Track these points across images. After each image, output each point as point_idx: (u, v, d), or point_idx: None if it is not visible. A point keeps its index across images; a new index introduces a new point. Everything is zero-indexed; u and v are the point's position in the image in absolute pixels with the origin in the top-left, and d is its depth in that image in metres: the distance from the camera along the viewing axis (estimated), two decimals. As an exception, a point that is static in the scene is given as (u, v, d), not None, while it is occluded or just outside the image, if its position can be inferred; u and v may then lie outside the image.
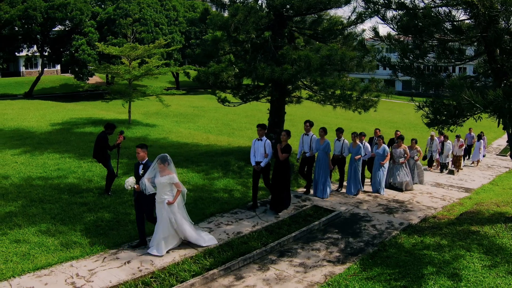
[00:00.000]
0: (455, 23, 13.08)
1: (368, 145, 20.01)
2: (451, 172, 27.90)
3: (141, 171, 12.25)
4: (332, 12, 22.25)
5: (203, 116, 46.95)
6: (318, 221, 14.40)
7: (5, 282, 10.19)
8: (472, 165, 32.53)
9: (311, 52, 18.76)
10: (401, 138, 20.96)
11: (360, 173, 19.33)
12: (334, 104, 22.14)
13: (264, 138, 15.81)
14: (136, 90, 37.67)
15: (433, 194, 20.40)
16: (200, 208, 15.28)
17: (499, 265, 11.20)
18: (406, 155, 20.74)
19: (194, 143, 27.40)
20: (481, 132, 33.89)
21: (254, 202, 16.03)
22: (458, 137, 28.97)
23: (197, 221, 14.12)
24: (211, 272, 10.70)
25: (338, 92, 21.39)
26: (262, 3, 21.35)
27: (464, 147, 29.68)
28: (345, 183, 19.68)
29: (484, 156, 34.85)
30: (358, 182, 19.10)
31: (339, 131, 19.07)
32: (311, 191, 18.37)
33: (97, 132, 26.28)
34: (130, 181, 11.90)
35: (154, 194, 11.90)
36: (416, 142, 22.34)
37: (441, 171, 27.77)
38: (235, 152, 23.27)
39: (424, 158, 27.79)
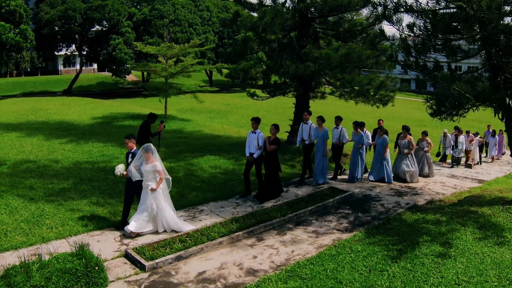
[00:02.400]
0: (453, 24, 14.73)
1: (369, 133, 21.14)
2: (468, 166, 28.39)
3: (129, 159, 13.37)
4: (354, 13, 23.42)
5: (235, 112, 48.72)
6: (332, 199, 16.32)
7: (63, 239, 12.30)
8: (489, 161, 32.78)
9: (331, 51, 20.51)
10: (406, 129, 21.44)
11: (364, 161, 20.58)
12: (355, 99, 23.81)
13: (258, 131, 16.66)
14: (172, 87, 39.63)
15: (446, 183, 21.49)
16: (230, 188, 17.35)
17: (489, 238, 12.82)
18: (411, 146, 21.23)
19: (226, 136, 29.38)
20: (500, 130, 33.99)
21: (247, 190, 16.97)
22: (468, 132, 29.59)
23: (227, 197, 16.49)
24: (236, 233, 12.75)
25: (357, 88, 22.91)
26: (289, 6, 23.15)
27: (474, 142, 29.90)
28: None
29: (503, 154, 35.08)
30: (360, 168, 20.26)
31: (338, 119, 20.22)
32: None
33: (136, 125, 28.70)
34: (119, 168, 13.24)
35: (141, 180, 12.97)
36: (426, 134, 22.87)
37: (452, 166, 27.87)
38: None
39: (438, 154, 28.65)
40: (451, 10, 14.91)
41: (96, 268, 9.78)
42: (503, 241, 12.53)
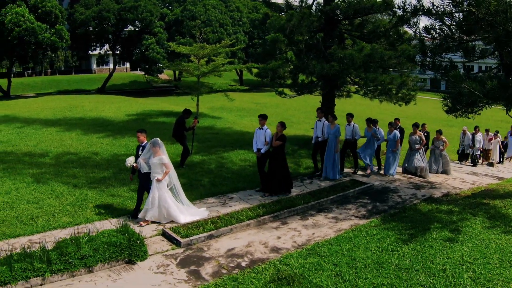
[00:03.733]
0: (464, 26, 15.72)
1: (382, 130, 21.82)
2: (490, 164, 28.96)
3: (139, 152, 14.08)
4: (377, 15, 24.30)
5: (264, 111, 49.51)
6: (353, 190, 17.47)
7: (106, 220, 13.73)
8: (507, 160, 32.90)
9: (355, 51, 21.55)
10: (416, 126, 21.93)
11: (374, 156, 21.38)
12: (379, 98, 24.76)
13: (265, 127, 17.21)
14: (204, 85, 40.92)
15: (465, 179, 22.34)
16: (258, 179, 18.54)
17: (497, 227, 13.83)
18: (422, 142, 21.70)
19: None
20: None
21: (262, 184, 17.46)
22: (487, 131, 30.17)
23: (255, 187, 17.72)
24: (262, 217, 14.06)
25: (379, 87, 23.82)
26: (315, 9, 24.22)
27: (493, 141, 30.21)
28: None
29: None
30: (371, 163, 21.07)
31: (349, 116, 21.06)
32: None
33: (169, 122, 30.30)
34: (130, 160, 14.16)
35: (150, 172, 13.74)
36: (441, 133, 23.56)
37: (474, 164, 28.16)
38: (291, 139, 26.27)
39: (458, 152, 29.08)
40: (463, 13, 15.83)
41: (138, 242, 11.16)
42: (510, 230, 13.46)
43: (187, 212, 14.06)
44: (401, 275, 10.31)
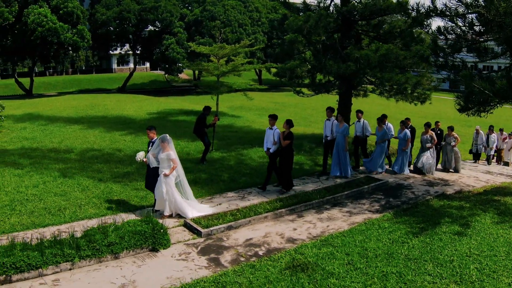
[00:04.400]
0: (475, 27, 16.21)
1: (391, 126, 21.90)
2: (506, 164, 29.07)
3: (149, 148, 14.60)
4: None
5: (283, 110, 50.31)
6: (368, 186, 18.02)
7: (130, 212, 14.45)
8: None
9: (370, 51, 22.06)
10: (427, 125, 21.95)
11: (385, 154, 21.51)
12: (395, 97, 25.22)
13: (275, 127, 17.43)
14: (224, 85, 41.58)
15: (479, 178, 22.55)
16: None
17: (506, 222, 14.35)
18: (433, 141, 21.72)
19: (273, 131, 31.23)
20: None
21: (265, 181, 17.64)
22: (501, 130, 30.25)
23: (273, 182, 18.17)
24: (279, 210, 14.70)
25: (395, 86, 24.24)
26: (332, 10, 24.77)
27: (507, 140, 30.07)
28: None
29: None
30: (382, 161, 21.28)
31: (359, 113, 21.51)
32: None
33: (189, 120, 31.11)
34: (140, 155, 14.67)
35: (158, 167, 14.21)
36: (452, 130, 23.47)
37: (489, 163, 28.18)
38: (309, 137, 26.88)
39: (470, 151, 28.96)
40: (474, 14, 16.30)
41: (161, 231, 11.86)
42: (518, 224, 13.96)
43: (194, 208, 14.55)
44: (409, 264, 10.88)
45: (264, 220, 14.14)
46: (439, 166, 23.65)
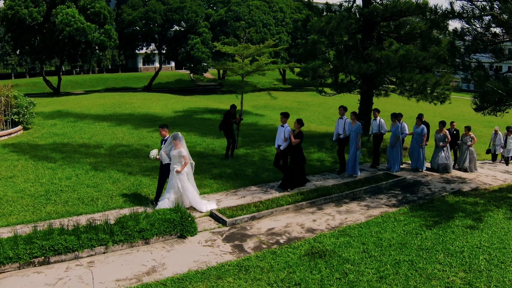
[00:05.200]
0: (492, 28, 16.76)
1: (405, 125, 22.24)
2: None
3: (162, 145, 15.16)
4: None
5: (306, 109, 50.90)
6: (386, 182, 18.67)
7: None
8: None
9: (391, 52, 22.69)
10: (442, 123, 22.06)
11: (400, 152, 21.60)
12: (415, 97, 25.79)
13: (286, 125, 17.75)
14: (248, 84, 42.30)
15: (497, 177, 22.79)
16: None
17: (519, 217, 15.00)
18: (447, 139, 21.93)
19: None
20: None
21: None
22: None
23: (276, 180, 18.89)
24: (300, 203, 15.49)
25: (415, 86, 24.79)
26: (354, 11, 25.42)
27: None
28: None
29: None
30: (396, 159, 21.50)
31: (376, 111, 21.86)
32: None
33: (214, 118, 31.98)
34: (153, 152, 15.34)
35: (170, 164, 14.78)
36: (469, 130, 23.57)
37: (507, 164, 27.84)
38: (331, 136, 27.44)
39: (488, 151, 28.73)
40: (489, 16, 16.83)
41: (189, 219, 12.69)
42: (530, 220, 14.52)
43: (204, 202, 15.20)
44: (421, 254, 11.56)
45: (286, 212, 14.93)
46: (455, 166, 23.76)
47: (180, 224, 12.53)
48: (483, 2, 16.01)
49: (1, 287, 9.84)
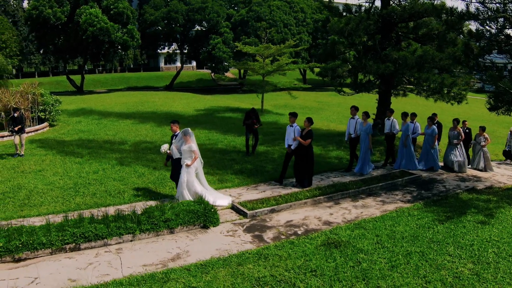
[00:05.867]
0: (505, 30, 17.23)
1: (418, 125, 22.29)
2: None
3: (173, 140, 15.61)
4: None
5: (326, 109, 51.41)
6: (401, 179, 19.20)
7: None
8: None
9: (408, 53, 23.19)
10: (456, 121, 22.22)
11: (412, 150, 21.80)
12: (432, 97, 26.24)
13: (295, 124, 18.12)
14: (268, 84, 43.05)
15: None
16: (316, 168, 20.49)
17: (530, 214, 15.46)
18: (460, 137, 22.07)
19: (316, 128, 32.40)
20: None
21: (281, 177, 18.51)
22: None
23: (313, 173, 19.36)
24: (318, 197, 16.14)
25: (432, 86, 25.22)
26: (373, 12, 25.94)
27: None
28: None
29: None
30: (410, 158, 21.73)
31: (389, 112, 22.24)
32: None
33: (235, 117, 32.89)
34: (164, 147, 15.80)
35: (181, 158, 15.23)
36: (484, 130, 23.47)
37: None
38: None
39: (505, 152, 28.38)
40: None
41: (212, 210, 13.41)
42: (541, 217, 15.01)
43: (212, 195, 15.53)
44: (432, 246, 12.13)
45: (304, 206, 15.59)
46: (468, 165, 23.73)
47: (203, 215, 13.25)
48: (496, 4, 16.47)
49: (37, 270, 10.59)
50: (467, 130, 23.74)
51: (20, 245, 11.19)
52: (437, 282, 10.12)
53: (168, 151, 15.69)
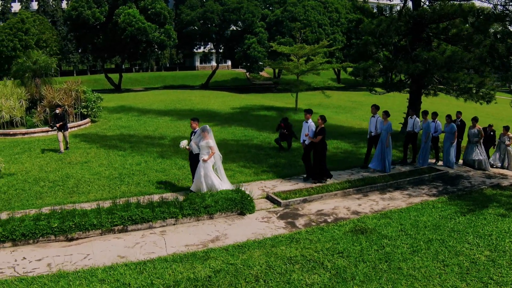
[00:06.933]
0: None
1: (440, 123, 22.60)
2: None
3: (192, 137, 16.35)
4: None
5: (360, 109, 52.02)
6: (429, 174, 20.01)
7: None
8: None
9: (437, 53, 23.92)
10: (475, 120, 22.60)
11: (428, 148, 22.28)
12: (462, 96, 26.90)
13: (310, 121, 18.60)
14: (303, 83, 43.94)
15: None
16: (347, 163, 21.63)
17: (552, 209, 16.20)
18: (480, 135, 22.46)
19: (348, 126, 33.52)
20: None
21: (307, 172, 18.91)
22: None
23: (344, 168, 20.89)
24: (348, 190, 17.16)
25: (462, 85, 25.85)
26: (404, 13, 26.70)
27: None
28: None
29: None
30: (426, 155, 22.23)
31: (412, 110, 22.84)
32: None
33: (270, 115, 33.86)
34: (183, 143, 16.65)
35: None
36: (507, 129, 23.63)
37: None
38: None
39: None
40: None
41: (248, 199, 14.57)
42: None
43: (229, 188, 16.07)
44: (453, 235, 13.02)
45: (334, 197, 16.63)
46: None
47: (240, 202, 14.43)
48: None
49: (89, 248, 11.82)
50: (491, 133, 24.03)
51: (73, 226, 12.55)
52: (454, 266, 11.02)
53: (187, 147, 16.52)
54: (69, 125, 25.12)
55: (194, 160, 16.44)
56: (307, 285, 9.84)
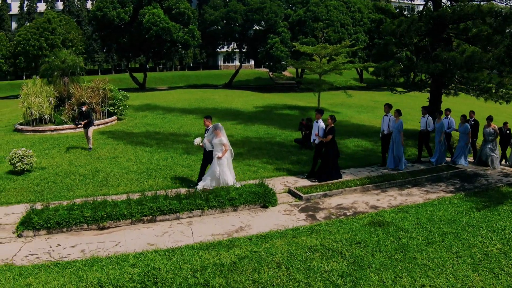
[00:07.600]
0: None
1: (453, 120, 23.16)
2: None
3: (206, 134, 16.79)
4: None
5: (381, 108, 51.15)
6: (446, 172, 20.48)
7: (244, 181, 17.68)
8: None
9: (457, 53, 24.33)
10: (490, 119, 22.60)
11: (445, 146, 22.61)
12: (482, 96, 27.25)
13: (320, 120, 19.35)
14: (325, 82, 44.34)
15: None
16: (368, 160, 22.23)
17: None
18: (495, 134, 22.53)
19: (370, 125, 33.93)
20: None
21: (312, 171, 19.37)
22: None
23: (364, 166, 21.47)
24: (367, 185, 17.77)
25: (482, 85, 26.15)
26: (425, 14, 27.12)
27: None
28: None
29: None
30: (441, 153, 22.51)
31: (424, 109, 23.24)
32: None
33: (293, 114, 34.54)
34: (197, 140, 17.17)
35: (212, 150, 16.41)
36: None
37: None
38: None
39: None
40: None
41: (271, 192, 15.30)
42: None
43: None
44: (467, 228, 13.53)
45: (354, 192, 17.26)
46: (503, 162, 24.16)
47: (263, 196, 15.18)
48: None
49: (120, 236, 12.58)
50: (507, 131, 24.03)
51: (105, 215, 13.42)
52: (467, 257, 11.55)
53: (200, 144, 17.10)
54: (96, 122, 25.84)
55: (207, 156, 16.99)
56: (326, 271, 10.46)
